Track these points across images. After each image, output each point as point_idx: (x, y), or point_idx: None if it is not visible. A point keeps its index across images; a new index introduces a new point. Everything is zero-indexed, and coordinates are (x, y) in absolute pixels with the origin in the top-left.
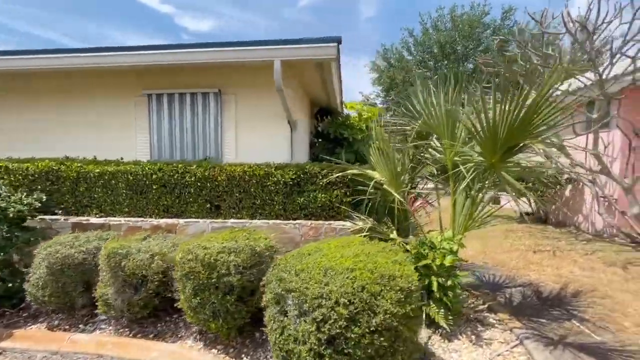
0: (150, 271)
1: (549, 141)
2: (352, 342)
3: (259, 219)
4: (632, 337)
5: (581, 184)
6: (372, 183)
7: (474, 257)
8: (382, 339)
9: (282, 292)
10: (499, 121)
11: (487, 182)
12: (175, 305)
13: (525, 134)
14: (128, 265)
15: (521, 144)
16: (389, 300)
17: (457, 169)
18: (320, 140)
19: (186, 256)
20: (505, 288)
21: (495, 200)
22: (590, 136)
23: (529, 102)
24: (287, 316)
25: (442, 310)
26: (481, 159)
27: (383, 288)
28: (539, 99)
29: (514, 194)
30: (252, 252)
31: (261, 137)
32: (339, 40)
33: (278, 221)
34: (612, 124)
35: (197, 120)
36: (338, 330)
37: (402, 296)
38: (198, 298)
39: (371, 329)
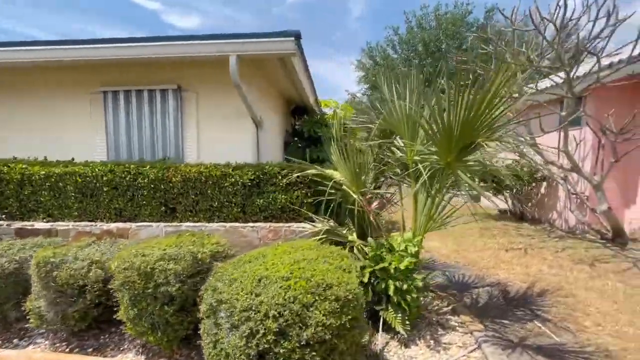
0: (88, 280)
1: (514, 141)
2: (282, 358)
3: (216, 222)
4: (591, 338)
5: (555, 181)
6: (330, 183)
7: (447, 256)
8: (314, 353)
9: (215, 304)
10: (453, 119)
11: (447, 181)
12: (117, 316)
13: (477, 132)
14: (60, 275)
15: (475, 143)
16: (322, 312)
17: (418, 169)
18: (296, 139)
19: (121, 265)
20: (474, 288)
21: (476, 198)
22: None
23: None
24: (220, 329)
25: (400, 315)
26: (436, 157)
27: (317, 298)
28: (488, 96)
29: (471, 192)
30: (193, 259)
31: (225, 137)
32: (297, 35)
33: (236, 224)
34: (584, 122)
35: (155, 118)
36: (267, 345)
37: (337, 306)
38: (136, 309)
39: (302, 343)
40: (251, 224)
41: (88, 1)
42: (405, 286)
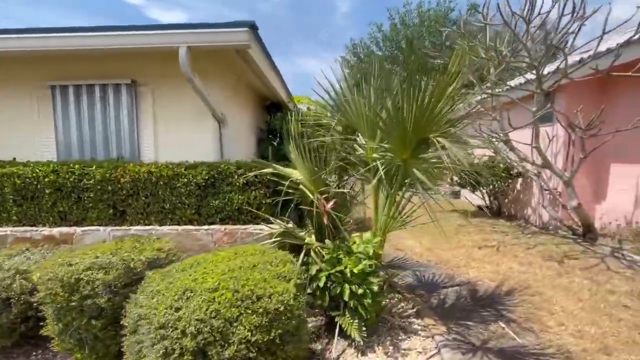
0: (13, 292)
1: (477, 141)
2: None
3: (169, 225)
4: (553, 338)
5: (529, 178)
6: (287, 183)
7: (421, 255)
8: None
9: (137, 318)
10: (407, 115)
11: (405, 180)
12: (43, 332)
13: (429, 128)
14: None
15: (431, 139)
16: (247, 327)
17: (382, 167)
18: (270, 136)
19: (44, 276)
20: (443, 288)
21: (456, 194)
22: (541, 130)
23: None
24: (143, 347)
25: (357, 320)
26: (391, 155)
27: (243, 312)
28: (437, 90)
29: (427, 191)
30: (126, 268)
31: (184, 135)
32: (251, 25)
33: (190, 227)
34: (555, 119)
35: (109, 115)
36: None
37: (266, 320)
38: (61, 324)
39: None
40: (206, 227)
41: None
42: (360, 290)
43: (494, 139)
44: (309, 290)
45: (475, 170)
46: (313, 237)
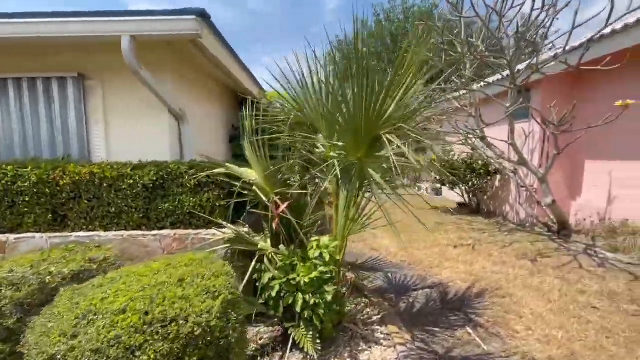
0: None
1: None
2: None
3: (116, 230)
4: (520, 345)
5: (507, 174)
6: (240, 184)
7: (395, 255)
8: None
9: (27, 346)
10: (359, 111)
11: (366, 180)
12: None
13: (381, 126)
14: None
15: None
16: (152, 356)
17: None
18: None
19: None
20: (413, 291)
21: (437, 192)
22: (518, 127)
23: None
24: None
25: (312, 332)
26: (343, 152)
27: (150, 338)
28: (386, 83)
29: (381, 191)
30: (41, 283)
31: (139, 132)
32: (200, 13)
33: (136, 232)
34: (532, 115)
35: (54, 111)
36: None
37: (178, 346)
38: None
39: None
40: (154, 232)
41: None
42: (314, 300)
43: (471, 136)
44: (261, 300)
45: (442, 168)
46: (269, 242)
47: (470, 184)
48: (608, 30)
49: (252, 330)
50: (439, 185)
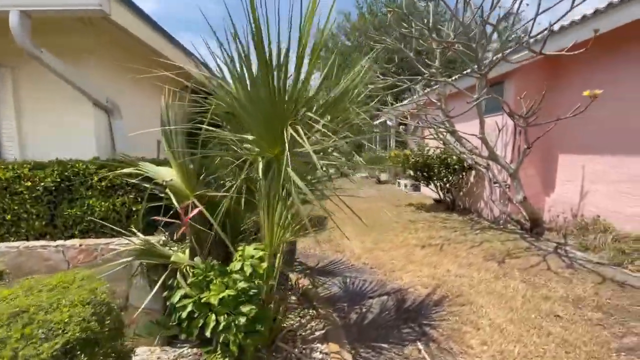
0: None
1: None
2: None
3: (13, 240)
4: None
5: (480, 170)
6: (154, 185)
7: (359, 257)
8: None
9: None
10: (267, 97)
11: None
12: None
13: (288, 116)
14: None
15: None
16: None
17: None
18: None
19: None
20: (369, 298)
21: (416, 187)
22: (488, 120)
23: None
24: None
25: (227, 359)
26: (256, 148)
27: None
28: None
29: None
30: None
31: (62, 127)
32: None
33: (36, 243)
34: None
35: None
36: None
37: None
38: None
39: None
40: (56, 243)
41: None
42: (225, 323)
43: (442, 129)
44: (172, 322)
45: (407, 164)
46: (187, 253)
47: (444, 180)
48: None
49: (173, 352)
50: (416, 182)
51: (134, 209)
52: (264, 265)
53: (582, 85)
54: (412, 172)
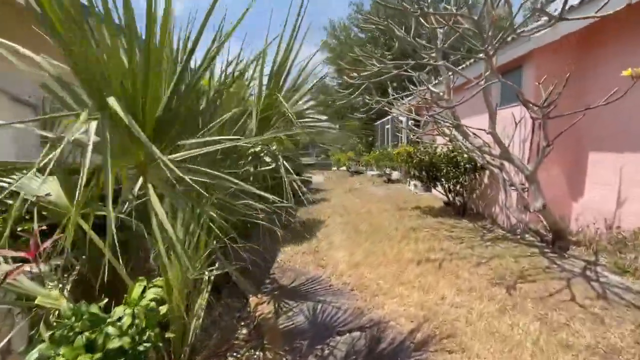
0: None
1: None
2: None
3: None
4: None
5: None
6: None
7: (342, 274)
8: None
9: None
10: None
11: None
12: None
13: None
14: None
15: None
16: None
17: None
18: None
19: None
20: (337, 335)
21: (427, 188)
22: (504, 112)
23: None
24: None
25: None
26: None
27: None
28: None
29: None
30: None
31: None
32: None
33: None
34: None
35: None
36: None
37: None
38: None
39: None
40: None
41: None
42: None
43: (447, 124)
44: None
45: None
46: (68, 289)
47: (454, 181)
48: None
49: None
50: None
51: (20, 228)
52: (164, 308)
53: (619, 67)
54: (416, 172)
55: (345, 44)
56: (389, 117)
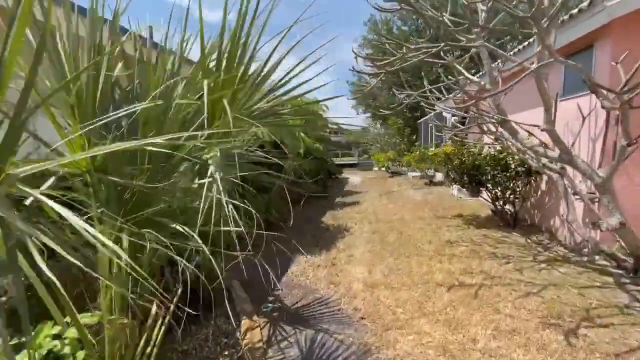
0: None
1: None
2: None
3: None
4: None
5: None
6: None
7: (355, 296)
8: None
9: None
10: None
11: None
12: None
13: None
14: None
15: None
16: None
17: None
18: None
19: None
20: None
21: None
22: (567, 104)
23: None
24: None
25: None
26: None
27: None
28: None
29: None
30: None
31: None
32: None
33: None
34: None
35: None
36: None
37: None
38: None
39: None
40: None
41: None
42: None
43: (492, 120)
44: None
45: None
46: None
47: (502, 187)
48: None
49: None
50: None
51: None
52: (80, 355)
53: None
54: (456, 176)
55: (385, 37)
56: (432, 114)
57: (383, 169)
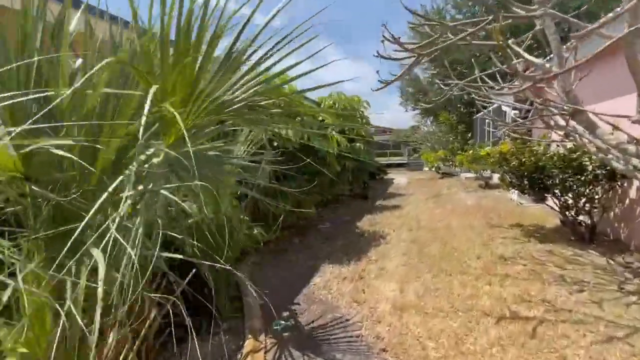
0: None
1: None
2: None
3: None
4: None
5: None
6: None
7: (378, 322)
8: None
9: None
10: None
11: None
12: None
13: None
14: None
15: None
16: None
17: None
18: None
19: None
20: None
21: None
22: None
23: None
24: None
25: None
26: None
27: None
28: None
29: None
30: None
31: None
32: None
33: None
34: None
35: None
36: None
37: None
38: None
39: None
40: None
41: None
42: None
43: (563, 112)
44: None
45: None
46: None
47: (574, 193)
48: None
49: None
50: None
51: None
52: None
53: None
54: (513, 179)
55: (437, 25)
56: (489, 108)
57: (433, 169)
